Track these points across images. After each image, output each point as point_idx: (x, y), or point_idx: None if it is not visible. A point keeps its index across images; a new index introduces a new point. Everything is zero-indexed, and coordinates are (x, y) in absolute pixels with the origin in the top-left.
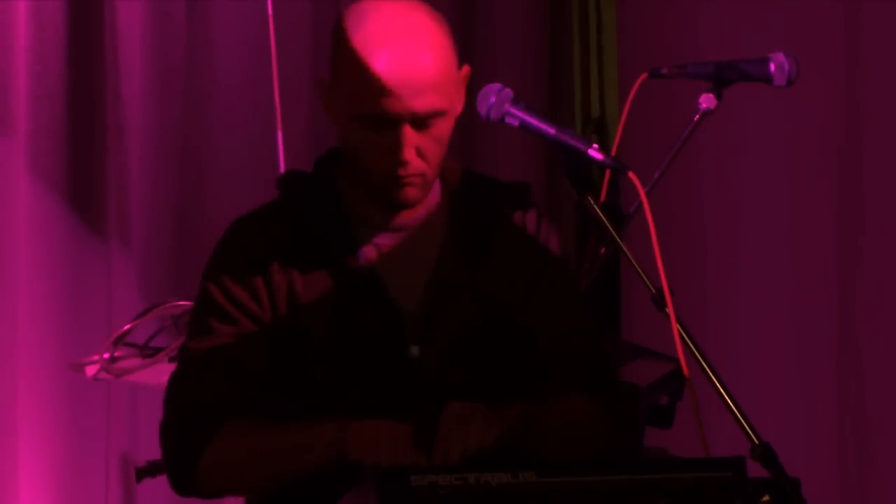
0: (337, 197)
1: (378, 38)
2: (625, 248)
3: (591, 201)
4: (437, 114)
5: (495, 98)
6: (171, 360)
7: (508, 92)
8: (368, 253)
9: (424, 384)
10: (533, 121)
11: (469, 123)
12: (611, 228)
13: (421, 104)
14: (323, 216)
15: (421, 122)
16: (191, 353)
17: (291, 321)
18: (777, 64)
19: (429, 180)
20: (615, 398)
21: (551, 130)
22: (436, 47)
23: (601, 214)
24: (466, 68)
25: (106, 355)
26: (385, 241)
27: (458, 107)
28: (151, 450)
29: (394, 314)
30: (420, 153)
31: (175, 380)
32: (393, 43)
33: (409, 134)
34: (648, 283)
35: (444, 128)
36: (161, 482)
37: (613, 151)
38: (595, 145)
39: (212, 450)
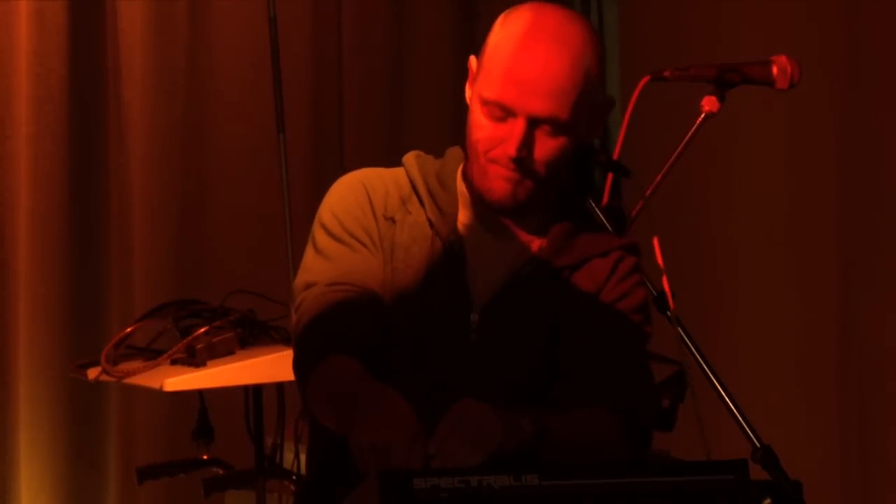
0: (455, 178)
1: (526, 36)
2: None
3: (593, 204)
4: (555, 123)
5: None
6: (172, 362)
7: None
8: (466, 234)
9: (477, 372)
10: None
11: None
12: (613, 231)
13: (541, 107)
14: (436, 186)
15: (538, 125)
16: (312, 290)
17: (387, 270)
18: (780, 66)
19: (529, 186)
20: (637, 421)
21: None
22: (577, 61)
23: (603, 217)
24: (610, 101)
25: (107, 357)
26: (486, 230)
27: (585, 132)
28: (153, 452)
29: (464, 299)
30: (528, 153)
31: (300, 308)
32: (538, 44)
33: (522, 131)
34: (650, 285)
35: (560, 142)
36: (161, 483)
37: (616, 154)
38: (597, 148)
39: (313, 379)
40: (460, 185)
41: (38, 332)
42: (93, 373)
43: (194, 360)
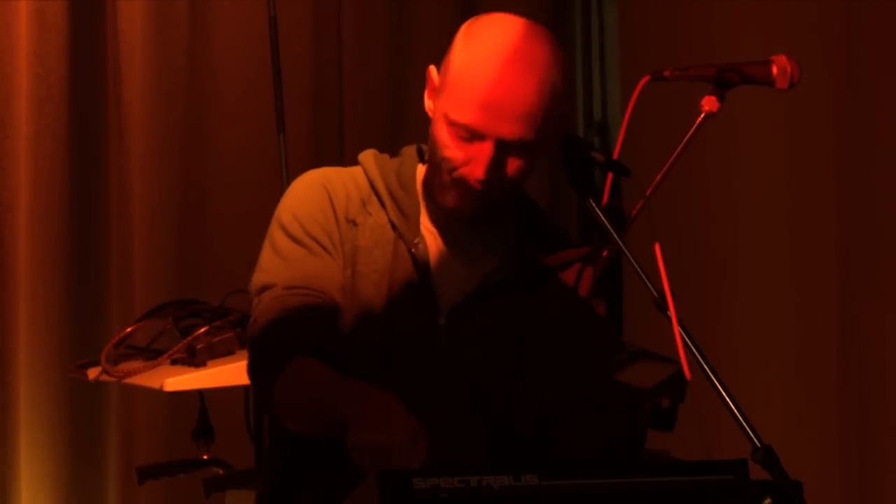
0: (415, 180)
1: (492, 57)
2: (627, 251)
3: (593, 204)
4: (524, 144)
5: None
6: (173, 362)
7: None
8: (430, 237)
9: (444, 376)
10: None
11: None
12: (613, 231)
13: (511, 131)
14: (397, 189)
15: (506, 146)
16: (270, 292)
17: (349, 272)
18: (780, 66)
19: (495, 201)
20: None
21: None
22: (545, 82)
23: (603, 217)
24: (567, 115)
25: (107, 357)
26: (449, 233)
27: (551, 146)
28: (153, 452)
29: (431, 302)
30: (495, 174)
31: (257, 311)
32: (505, 66)
33: (490, 153)
34: (650, 285)
35: (527, 159)
36: (162, 484)
37: (616, 154)
38: (597, 147)
39: (281, 382)
40: (420, 188)
41: (38, 332)
42: (93, 373)
43: (194, 360)
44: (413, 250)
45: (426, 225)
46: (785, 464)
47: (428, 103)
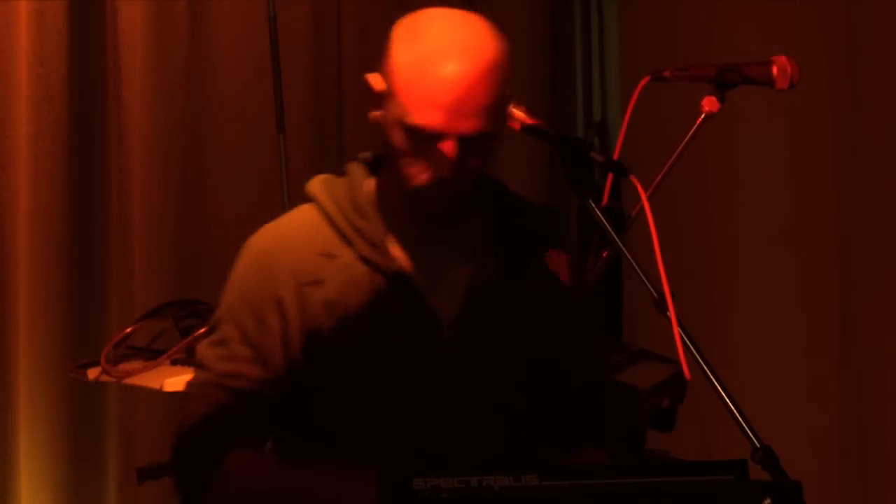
0: (372, 201)
1: (440, 54)
2: (626, 252)
3: (593, 205)
4: (486, 136)
5: None
6: (173, 362)
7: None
8: (404, 257)
9: (456, 387)
10: (535, 123)
11: None
12: (612, 232)
13: (471, 126)
14: (358, 220)
15: (468, 142)
16: (206, 373)
17: (329, 329)
18: (779, 67)
19: (464, 195)
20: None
21: (553, 133)
22: (494, 71)
23: (603, 218)
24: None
25: (107, 357)
26: (422, 245)
27: (503, 129)
28: (153, 452)
29: (429, 318)
30: (460, 170)
31: (186, 399)
32: (455, 62)
33: (453, 152)
34: (650, 286)
35: (489, 149)
36: (162, 484)
37: (615, 154)
38: (597, 148)
39: (215, 482)
40: (382, 203)
41: (38, 332)
42: (93, 373)
43: (194, 360)
44: (393, 278)
45: (397, 246)
46: (785, 464)
47: (374, 113)
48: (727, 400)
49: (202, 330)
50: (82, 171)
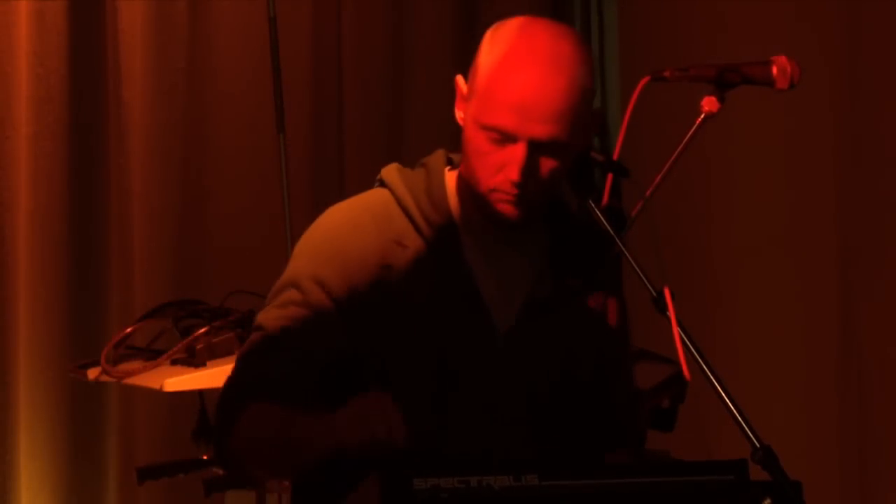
0: (447, 198)
1: (520, 59)
2: (626, 251)
3: (593, 205)
4: (557, 144)
5: None
6: (173, 362)
7: None
8: (473, 258)
9: (499, 396)
10: None
11: None
12: (612, 231)
13: (543, 131)
14: (433, 214)
15: (539, 147)
16: (261, 332)
17: (388, 316)
18: (780, 67)
19: (533, 205)
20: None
21: None
22: (574, 81)
23: (603, 218)
24: (598, 112)
25: (107, 357)
26: (489, 249)
27: (582, 144)
28: (153, 452)
29: (489, 326)
30: (531, 176)
31: (241, 354)
32: (534, 67)
33: (524, 155)
34: (650, 285)
35: (560, 159)
36: (162, 484)
37: (615, 154)
38: (597, 148)
39: (237, 429)
40: (453, 202)
41: (38, 332)
42: (93, 373)
43: (194, 360)
44: (460, 278)
45: (466, 244)
46: (785, 464)
47: (458, 113)
48: (727, 400)
49: (202, 330)
50: (82, 171)
